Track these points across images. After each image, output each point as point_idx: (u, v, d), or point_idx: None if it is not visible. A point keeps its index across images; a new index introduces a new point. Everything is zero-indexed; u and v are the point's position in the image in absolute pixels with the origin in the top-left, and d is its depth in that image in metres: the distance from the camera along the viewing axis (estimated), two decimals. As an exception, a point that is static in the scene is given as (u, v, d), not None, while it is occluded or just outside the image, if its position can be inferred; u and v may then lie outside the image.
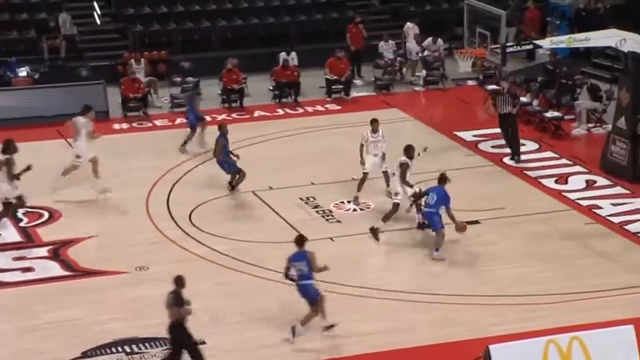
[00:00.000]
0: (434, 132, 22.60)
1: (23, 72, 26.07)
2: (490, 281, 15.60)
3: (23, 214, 18.33)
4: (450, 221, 16.45)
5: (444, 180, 16.67)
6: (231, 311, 14.78)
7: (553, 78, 24.31)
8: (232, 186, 19.32)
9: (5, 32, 27.66)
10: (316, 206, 18.69)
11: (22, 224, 18.07)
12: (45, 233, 17.76)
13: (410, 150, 17.32)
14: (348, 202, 18.78)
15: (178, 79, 26.07)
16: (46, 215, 18.52)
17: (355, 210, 18.53)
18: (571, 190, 19.40)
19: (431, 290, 14.51)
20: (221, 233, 17.49)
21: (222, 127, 19.55)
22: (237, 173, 19.27)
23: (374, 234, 17.08)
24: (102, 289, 15.60)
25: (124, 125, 24.13)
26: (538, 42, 21.62)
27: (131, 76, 25.01)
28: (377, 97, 25.93)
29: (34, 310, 14.98)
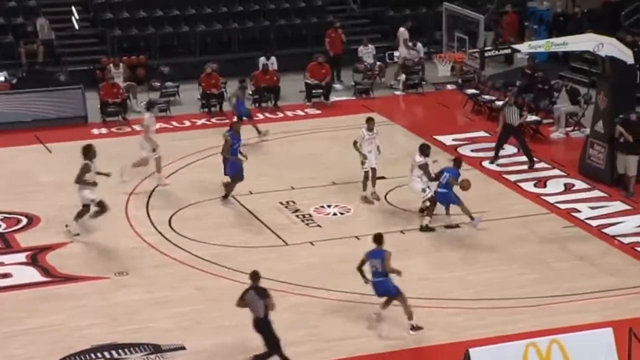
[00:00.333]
0: (414, 136, 22.64)
1: (0, 77, 25.91)
2: (470, 285, 15.65)
3: (1, 220, 18.22)
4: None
5: (459, 164, 17.75)
6: (211, 316, 14.74)
7: (531, 82, 24.44)
8: (223, 196, 18.98)
9: (-18, 37, 27.53)
10: (296, 210, 18.69)
11: (0, 230, 17.96)
12: (23, 239, 17.66)
13: (426, 149, 17.86)
14: (328, 207, 18.79)
15: (157, 84, 26.01)
16: (25, 220, 18.41)
17: (335, 214, 18.55)
18: (550, 193, 19.50)
19: (411, 293, 14.50)
20: (201, 238, 17.45)
21: (235, 126, 19.41)
22: (233, 179, 18.81)
23: (429, 230, 17.59)
24: (82, 295, 15.53)
25: (103, 130, 24.05)
26: (516, 47, 21.69)
27: (110, 81, 24.93)
28: (357, 102, 25.96)
29: (13, 316, 14.88)
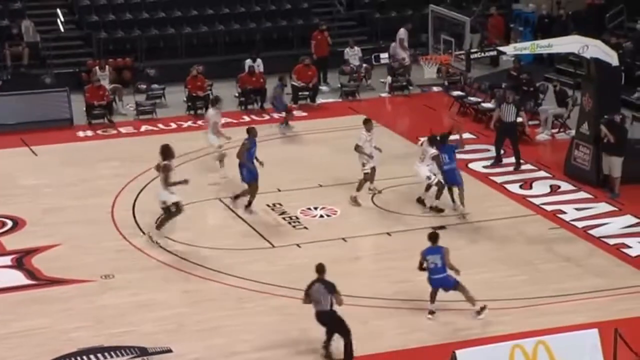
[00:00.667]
0: (400, 138, 22.69)
1: (-15, 80, 25.87)
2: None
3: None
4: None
5: (447, 137, 18.50)
6: (197, 319, 14.73)
7: (517, 84, 24.52)
8: (246, 205, 18.55)
9: (-33, 40, 27.41)
10: (283, 213, 18.69)
11: (-14, 233, 17.93)
12: (9, 242, 17.59)
13: (435, 140, 18.40)
14: (314, 209, 18.80)
15: (143, 86, 25.96)
16: (10, 223, 18.35)
17: (322, 216, 18.56)
18: (536, 195, 19.56)
19: (397, 295, 14.55)
20: (187, 240, 17.43)
21: (251, 131, 19.03)
22: (250, 185, 18.39)
23: (439, 210, 18.32)
24: (68, 298, 15.49)
25: (89, 132, 23.99)
26: (502, 49, 21.76)
27: (95, 83, 24.87)
28: (343, 104, 25.99)
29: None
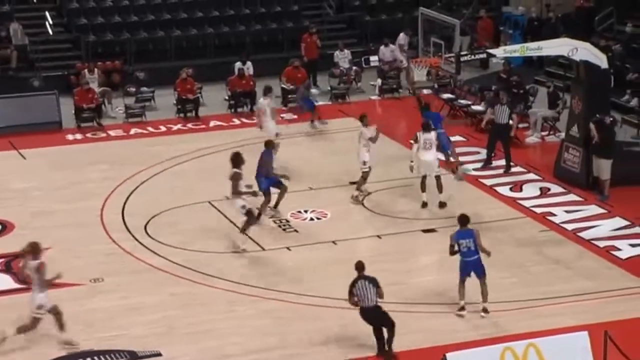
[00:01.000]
0: (390, 141, 22.72)
1: (-26, 83, 25.81)
2: (446, 289, 15.69)
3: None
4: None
5: (428, 106, 20.38)
6: (187, 322, 14.72)
7: (506, 87, 24.57)
8: (275, 204, 18.53)
9: (-45, 42, 27.36)
10: (273, 216, 18.68)
11: (-26, 237, 17.88)
12: (-3, 245, 17.57)
13: (429, 126, 19.03)
14: (305, 212, 18.81)
15: (132, 89, 25.96)
16: (-2, 227, 18.34)
17: (312, 219, 18.57)
18: (526, 197, 19.61)
19: (387, 298, 14.52)
20: (177, 244, 17.42)
21: (270, 143, 18.78)
22: (265, 194, 18.25)
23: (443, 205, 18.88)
24: (57, 302, 15.33)
25: (78, 136, 23.96)
26: (492, 51, 21.84)
27: (84, 86, 24.84)
28: (333, 106, 26.02)
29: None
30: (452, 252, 14.75)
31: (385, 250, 17.15)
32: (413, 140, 19.15)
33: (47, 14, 28.68)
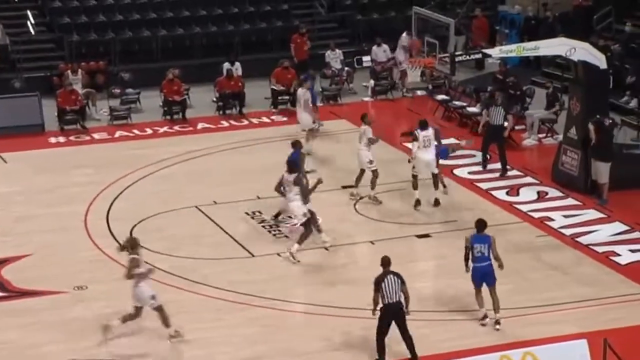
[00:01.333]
0: (383, 144, 22.70)
1: (-47, 84, 25.76)
2: (441, 296, 15.72)
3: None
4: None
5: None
6: (175, 330, 14.69)
7: (502, 88, 24.62)
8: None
9: None
10: (262, 221, 18.69)
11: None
12: (-23, 252, 17.53)
13: (425, 124, 19.08)
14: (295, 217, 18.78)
15: (117, 91, 25.92)
16: (-21, 233, 18.29)
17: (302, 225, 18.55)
18: (522, 202, 19.65)
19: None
20: (164, 250, 17.40)
21: (297, 143, 18.94)
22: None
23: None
24: (38, 310, 15.43)
25: (61, 139, 23.92)
26: (487, 51, 21.89)
27: (68, 88, 24.80)
28: (325, 108, 26.00)
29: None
30: (467, 255, 14.68)
31: (378, 256, 17.10)
32: (412, 138, 19.17)
33: (29, 13, 28.62)
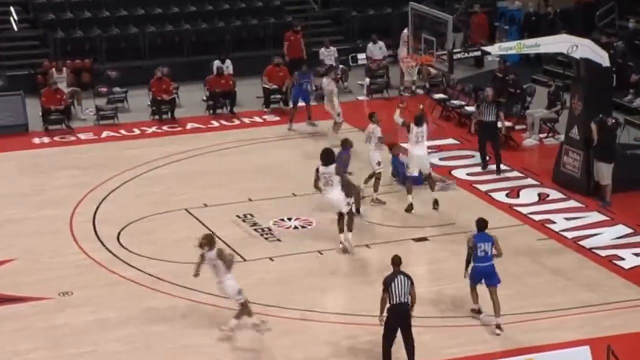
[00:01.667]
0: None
1: None
2: (439, 301, 15.73)
3: None
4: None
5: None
6: (162, 338, 14.69)
7: (502, 86, 24.67)
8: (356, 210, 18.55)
9: None
10: (254, 224, 18.69)
11: None
12: (-41, 257, 17.50)
13: (421, 119, 19.53)
14: (288, 220, 18.81)
15: (104, 90, 25.90)
16: (-40, 237, 18.26)
17: (296, 228, 18.58)
18: (523, 204, 19.66)
19: (375, 312, 14.53)
20: (152, 254, 17.40)
21: (346, 141, 18.99)
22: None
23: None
24: (22, 317, 15.41)
25: (45, 139, 23.90)
26: (486, 49, 21.88)
27: (52, 86, 24.79)
28: (318, 107, 25.99)
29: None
30: (469, 256, 14.75)
31: (374, 260, 17.15)
32: (406, 127, 19.38)
33: (12, 9, 28.58)
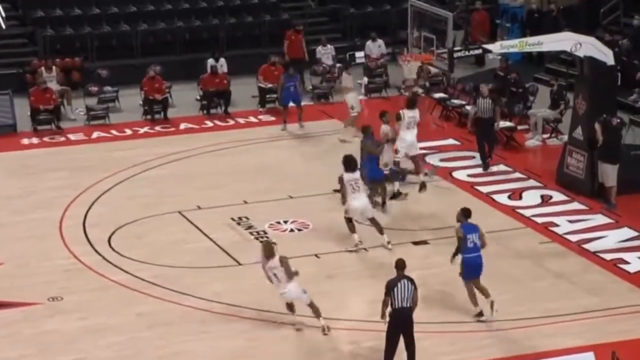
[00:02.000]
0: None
1: None
2: (439, 306, 15.74)
3: None
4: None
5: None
6: (154, 344, 14.70)
7: (504, 85, 24.70)
8: (382, 202, 19.06)
9: None
10: (249, 227, 18.71)
11: None
12: (-55, 261, 17.51)
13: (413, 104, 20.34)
14: (284, 222, 18.83)
15: (94, 89, 25.90)
16: (-53, 241, 18.26)
17: (292, 231, 18.59)
18: (525, 206, 19.69)
19: (375, 317, 14.56)
20: (144, 258, 17.40)
21: (367, 128, 19.34)
22: (378, 184, 18.89)
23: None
24: (10, 322, 15.41)
25: (34, 140, 23.90)
26: (487, 47, 21.92)
27: (41, 86, 24.80)
28: (315, 107, 26.06)
29: None
30: (458, 247, 14.88)
31: (372, 264, 17.17)
32: (396, 118, 19.89)
33: (0, 6, 28.59)
